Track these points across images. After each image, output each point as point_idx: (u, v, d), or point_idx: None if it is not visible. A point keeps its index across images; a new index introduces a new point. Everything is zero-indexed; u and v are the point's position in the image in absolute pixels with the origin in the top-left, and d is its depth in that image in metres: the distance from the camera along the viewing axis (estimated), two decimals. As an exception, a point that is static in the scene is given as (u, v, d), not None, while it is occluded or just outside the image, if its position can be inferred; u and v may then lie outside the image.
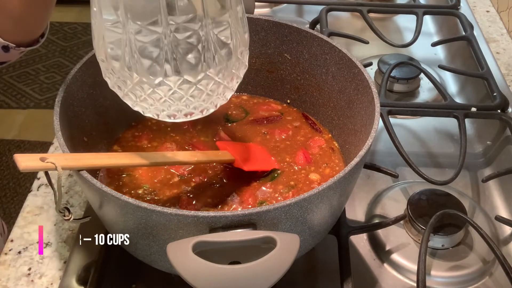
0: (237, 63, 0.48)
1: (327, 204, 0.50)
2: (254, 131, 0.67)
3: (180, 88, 0.45)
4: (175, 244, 0.43)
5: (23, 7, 0.60)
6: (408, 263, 0.61)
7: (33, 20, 0.64)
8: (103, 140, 0.63)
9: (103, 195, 0.47)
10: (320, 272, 0.61)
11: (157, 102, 0.46)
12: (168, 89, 0.45)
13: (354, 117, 0.61)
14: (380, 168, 0.67)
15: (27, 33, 0.66)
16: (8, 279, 0.59)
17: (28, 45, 0.66)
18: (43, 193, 0.69)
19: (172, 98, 0.46)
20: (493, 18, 1.04)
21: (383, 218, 0.66)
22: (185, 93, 0.46)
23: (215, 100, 0.48)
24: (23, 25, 0.64)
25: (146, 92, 0.46)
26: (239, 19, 0.47)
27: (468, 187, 0.71)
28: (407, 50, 0.91)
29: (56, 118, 0.52)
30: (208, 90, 0.47)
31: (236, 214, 0.44)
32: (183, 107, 0.47)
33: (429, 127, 0.81)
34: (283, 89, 0.71)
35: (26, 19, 0.63)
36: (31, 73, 2.39)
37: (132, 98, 0.47)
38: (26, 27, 0.65)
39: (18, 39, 0.64)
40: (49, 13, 0.66)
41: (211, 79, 0.46)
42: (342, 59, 0.61)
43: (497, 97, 0.76)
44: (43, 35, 0.69)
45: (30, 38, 0.66)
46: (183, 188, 0.59)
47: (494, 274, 0.61)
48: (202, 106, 0.48)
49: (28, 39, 0.66)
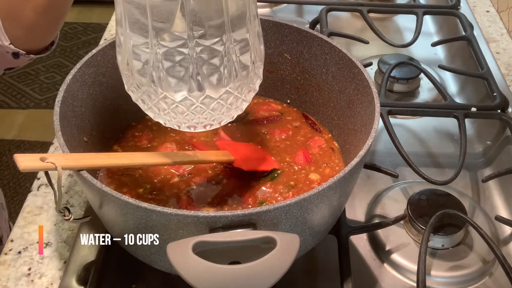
0: (254, 77, 0.51)
1: (327, 204, 0.50)
2: (254, 131, 0.67)
3: (203, 103, 0.48)
4: (175, 244, 0.43)
5: (35, 17, 0.61)
6: (408, 263, 0.61)
7: (44, 30, 0.65)
8: (103, 140, 0.63)
9: (103, 195, 0.47)
10: (320, 272, 0.61)
11: (179, 115, 0.49)
12: (190, 103, 0.48)
13: (354, 117, 0.61)
14: (380, 168, 0.67)
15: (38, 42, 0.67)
16: (8, 279, 0.59)
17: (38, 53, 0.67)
18: (43, 193, 0.69)
19: (194, 112, 0.49)
20: (493, 18, 1.04)
21: (383, 218, 0.66)
22: (207, 107, 0.48)
23: (232, 112, 0.51)
24: (34, 34, 0.65)
25: (170, 107, 0.48)
26: (256, 33, 0.49)
27: (468, 187, 0.71)
28: (407, 50, 0.91)
29: (56, 118, 0.52)
30: (228, 104, 0.49)
31: (236, 214, 0.44)
32: (203, 120, 0.50)
33: (429, 127, 0.81)
34: (283, 89, 0.71)
35: (38, 29, 0.64)
36: (31, 73, 2.40)
37: (155, 111, 0.50)
38: (37, 36, 0.66)
39: (28, 47, 0.65)
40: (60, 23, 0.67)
41: (231, 94, 0.49)
42: (342, 59, 0.61)
43: (497, 97, 0.76)
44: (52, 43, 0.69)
45: (41, 46, 0.67)
46: (183, 188, 0.59)
47: (494, 274, 0.61)
48: (221, 118, 0.51)
49: (38, 47, 0.67)
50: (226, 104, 0.49)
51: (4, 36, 0.63)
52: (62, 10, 0.64)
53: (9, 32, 0.63)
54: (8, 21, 0.62)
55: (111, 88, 0.63)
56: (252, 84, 0.51)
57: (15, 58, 0.66)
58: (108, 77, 0.62)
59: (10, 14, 0.62)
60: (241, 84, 0.49)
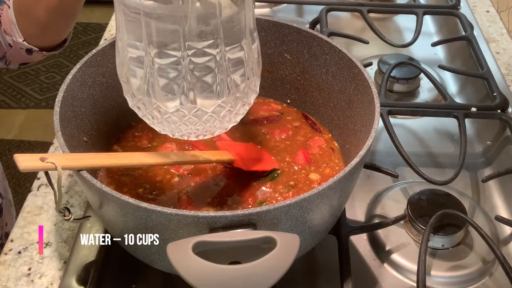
0: (249, 92, 0.51)
1: (327, 204, 0.50)
2: (254, 131, 0.67)
3: (195, 115, 0.49)
4: (175, 244, 0.43)
5: (49, 15, 0.63)
6: (408, 263, 0.61)
7: (57, 28, 0.67)
8: (103, 140, 0.63)
9: (103, 195, 0.47)
10: (320, 272, 0.61)
11: (172, 124, 0.50)
12: (183, 115, 0.49)
13: (354, 117, 0.61)
14: (380, 168, 0.67)
15: (50, 39, 0.68)
16: (8, 279, 0.59)
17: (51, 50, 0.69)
18: (43, 193, 0.69)
19: (186, 123, 0.50)
20: (493, 18, 1.04)
21: (383, 218, 0.66)
22: (199, 119, 0.49)
23: (225, 124, 0.52)
24: (47, 32, 0.66)
25: (163, 116, 0.49)
26: (252, 49, 0.50)
27: (468, 187, 0.71)
28: (407, 50, 0.91)
29: (56, 118, 0.52)
30: (220, 117, 0.50)
31: (236, 214, 0.44)
32: (195, 130, 0.51)
33: (429, 127, 0.81)
34: (283, 89, 0.71)
35: (50, 27, 0.66)
36: (31, 73, 2.40)
37: (150, 119, 0.51)
38: (50, 34, 0.67)
39: (41, 44, 0.67)
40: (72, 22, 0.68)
41: (224, 107, 0.49)
42: (342, 59, 0.61)
43: (497, 97, 0.76)
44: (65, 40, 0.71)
45: (53, 43, 0.69)
46: (183, 188, 0.59)
47: (494, 274, 0.61)
48: (214, 129, 0.52)
49: (51, 44, 0.69)
50: (219, 118, 0.50)
51: (18, 33, 0.65)
52: (74, 9, 0.65)
53: (22, 30, 0.65)
54: (22, 19, 0.64)
55: (111, 88, 0.63)
56: (247, 98, 0.52)
57: (29, 54, 0.68)
58: (108, 77, 0.62)
59: (23, 12, 0.64)
60: (234, 99, 0.50)
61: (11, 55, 0.69)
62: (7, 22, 0.64)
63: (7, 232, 0.81)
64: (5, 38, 0.66)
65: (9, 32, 0.65)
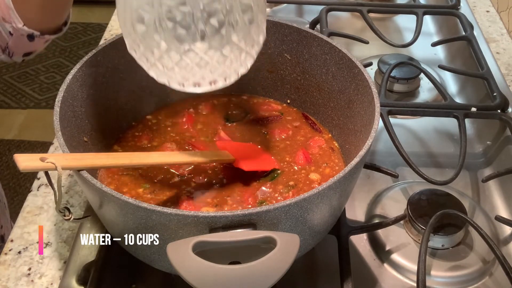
0: (257, 30, 0.50)
1: (327, 204, 0.50)
2: (254, 131, 0.67)
3: (207, 55, 0.48)
4: (175, 244, 0.43)
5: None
6: (408, 263, 0.61)
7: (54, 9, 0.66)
8: (103, 140, 0.63)
9: (103, 195, 0.47)
10: (320, 272, 0.61)
11: (183, 69, 0.48)
12: (194, 55, 0.47)
13: (354, 117, 0.61)
14: (380, 168, 0.67)
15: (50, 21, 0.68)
16: (8, 279, 0.59)
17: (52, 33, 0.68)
18: (43, 193, 0.69)
19: (198, 65, 0.48)
20: (493, 18, 1.04)
21: (383, 218, 0.66)
22: (211, 59, 0.48)
23: (237, 67, 0.51)
24: (46, 12, 0.66)
25: (173, 61, 0.48)
26: None
27: (468, 187, 0.71)
28: (407, 50, 0.91)
29: (56, 118, 0.52)
30: (232, 56, 0.49)
31: (236, 214, 0.44)
32: (208, 74, 0.49)
33: (429, 127, 0.81)
34: (283, 89, 0.71)
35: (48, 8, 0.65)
36: (31, 73, 2.40)
37: (159, 68, 0.49)
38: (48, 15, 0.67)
39: (42, 27, 0.66)
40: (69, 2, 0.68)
41: (234, 44, 0.48)
42: (342, 59, 0.61)
43: (497, 97, 0.76)
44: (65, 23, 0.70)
45: (54, 25, 0.69)
46: (183, 188, 0.59)
47: (494, 274, 0.61)
48: (226, 73, 0.50)
49: (51, 26, 0.68)
50: (230, 56, 0.49)
51: (18, 19, 0.64)
52: None
53: (21, 14, 0.64)
54: (18, 3, 0.64)
55: (111, 88, 0.63)
56: (256, 36, 0.50)
57: (31, 41, 0.67)
58: (108, 77, 0.62)
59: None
60: (244, 35, 0.49)
61: (13, 44, 0.68)
62: (5, 9, 0.64)
63: (2, 235, 0.81)
64: (5, 26, 0.65)
65: (8, 19, 0.64)
